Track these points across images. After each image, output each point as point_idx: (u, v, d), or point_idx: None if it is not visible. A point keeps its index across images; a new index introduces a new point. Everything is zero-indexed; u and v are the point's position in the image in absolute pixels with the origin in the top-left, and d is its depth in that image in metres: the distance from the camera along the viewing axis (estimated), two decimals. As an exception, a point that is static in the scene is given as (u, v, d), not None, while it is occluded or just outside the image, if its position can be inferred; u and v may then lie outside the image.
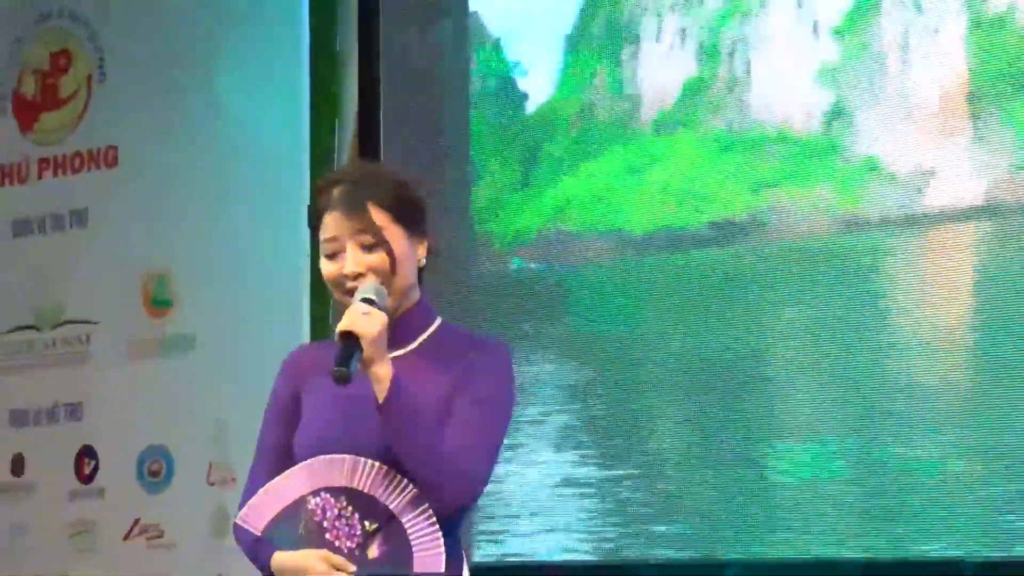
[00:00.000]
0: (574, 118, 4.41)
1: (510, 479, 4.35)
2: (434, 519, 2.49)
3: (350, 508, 2.48)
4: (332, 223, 2.61)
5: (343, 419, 2.60)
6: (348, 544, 2.47)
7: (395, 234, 2.61)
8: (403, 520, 2.47)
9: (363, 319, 2.50)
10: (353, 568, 2.45)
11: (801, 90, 4.07)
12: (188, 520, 4.51)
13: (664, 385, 4.23)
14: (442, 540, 2.50)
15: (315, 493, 2.50)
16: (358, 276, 2.60)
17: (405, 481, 2.48)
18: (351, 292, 2.59)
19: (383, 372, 2.51)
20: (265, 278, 4.50)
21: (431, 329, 2.69)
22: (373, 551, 2.49)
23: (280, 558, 2.51)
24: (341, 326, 2.50)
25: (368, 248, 2.60)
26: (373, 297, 2.55)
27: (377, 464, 2.50)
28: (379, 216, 2.60)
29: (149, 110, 4.75)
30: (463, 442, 2.55)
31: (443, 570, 2.51)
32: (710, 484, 4.11)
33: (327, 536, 2.48)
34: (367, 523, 2.47)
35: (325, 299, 4.31)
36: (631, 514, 4.18)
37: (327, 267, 2.63)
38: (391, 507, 2.48)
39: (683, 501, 4.14)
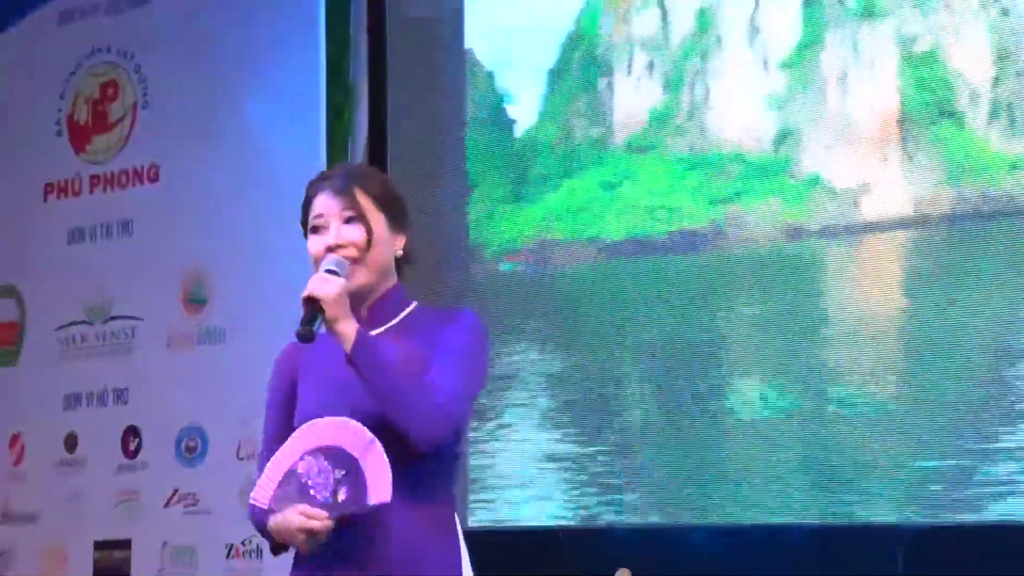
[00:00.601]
0: (556, 140, 4.39)
1: (500, 455, 4.34)
2: (383, 454, 2.41)
3: (327, 463, 2.45)
4: (320, 203, 2.56)
5: (336, 389, 2.54)
6: (324, 494, 2.43)
7: (376, 216, 2.54)
8: (361, 462, 2.42)
9: (322, 283, 2.44)
10: (325, 514, 2.39)
11: (753, 116, 4.05)
12: (220, 490, 4.49)
13: (633, 373, 4.20)
14: (390, 470, 2.42)
15: (301, 457, 2.46)
16: (338, 248, 2.53)
17: (364, 429, 2.43)
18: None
19: (347, 329, 2.44)
20: (287, 278, 4.45)
21: (407, 310, 2.61)
22: (341, 495, 2.44)
23: (273, 521, 2.45)
24: (304, 293, 2.45)
25: (348, 222, 2.53)
26: (335, 268, 2.49)
27: (348, 420, 2.44)
28: (363, 199, 2.54)
29: (186, 132, 4.74)
30: (438, 382, 2.47)
31: (389, 499, 2.42)
32: (672, 459, 4.09)
33: (310, 492, 2.44)
34: (337, 472, 2.43)
35: None
36: (604, 485, 4.16)
37: (312, 242, 2.56)
38: (354, 453, 2.43)
39: (650, 473, 4.12)
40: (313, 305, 2.43)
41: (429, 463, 2.50)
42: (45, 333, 4.99)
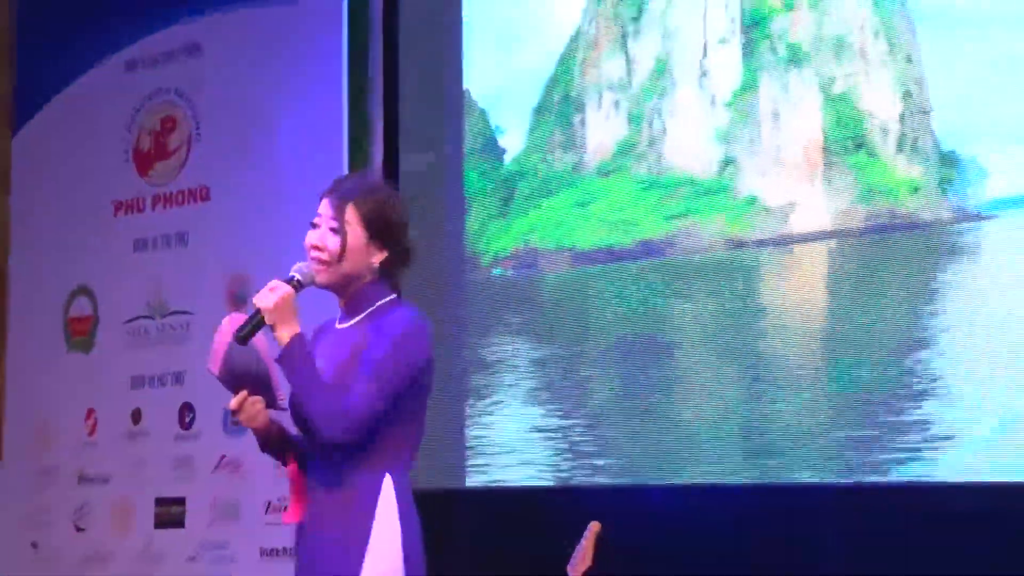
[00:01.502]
0: (538, 166, 4.38)
1: (493, 427, 4.34)
2: None
3: None
4: (322, 205, 2.51)
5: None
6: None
7: (356, 232, 2.48)
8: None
9: (266, 295, 2.41)
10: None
11: (701, 146, 4.04)
12: (260, 456, 4.46)
13: (602, 359, 4.19)
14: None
15: None
16: (316, 249, 2.48)
17: None
18: (313, 259, 2.49)
19: (284, 335, 2.40)
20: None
21: (377, 304, 2.51)
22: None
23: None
24: (253, 298, 2.44)
25: (333, 232, 2.47)
26: (296, 274, 2.46)
27: None
28: (352, 215, 2.47)
29: (231, 158, 4.73)
30: (352, 388, 2.39)
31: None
32: (635, 431, 4.09)
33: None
34: None
35: None
36: (579, 452, 4.17)
37: (309, 233, 2.51)
38: None
39: (616, 442, 4.12)
40: (256, 312, 2.41)
41: (342, 454, 2.43)
42: (115, 325, 4.99)
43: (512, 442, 4.29)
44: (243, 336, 2.43)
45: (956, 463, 3.52)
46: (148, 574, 4.74)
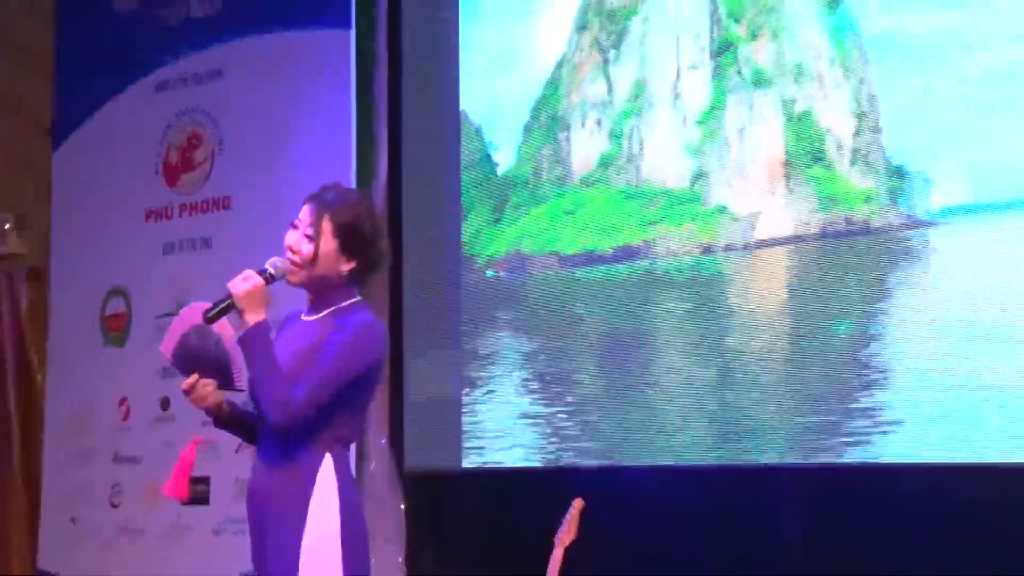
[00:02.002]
0: (528, 178, 4.38)
1: (487, 414, 4.33)
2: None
3: None
4: (303, 210, 2.52)
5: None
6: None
7: (328, 241, 2.47)
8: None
9: (240, 283, 2.43)
10: None
11: (675, 160, 4.04)
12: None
13: (585, 352, 4.20)
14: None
15: None
16: (290, 251, 2.48)
17: None
18: (288, 259, 2.49)
19: (250, 319, 2.42)
20: None
21: (339, 305, 2.51)
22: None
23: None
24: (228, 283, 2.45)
25: (308, 238, 2.47)
26: (269, 267, 2.48)
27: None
28: (327, 225, 2.47)
29: (251, 171, 4.70)
30: (300, 381, 2.41)
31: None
32: (614, 417, 4.09)
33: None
34: None
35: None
36: (564, 436, 4.17)
37: (288, 234, 2.52)
38: None
39: (598, 427, 4.12)
40: (228, 296, 2.43)
41: (288, 434, 2.43)
42: (146, 321, 4.95)
43: (504, 427, 4.29)
44: (211, 317, 2.44)
45: (902, 446, 3.53)
46: (176, 546, 4.73)
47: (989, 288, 3.40)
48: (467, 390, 4.38)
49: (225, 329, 2.50)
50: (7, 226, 5.65)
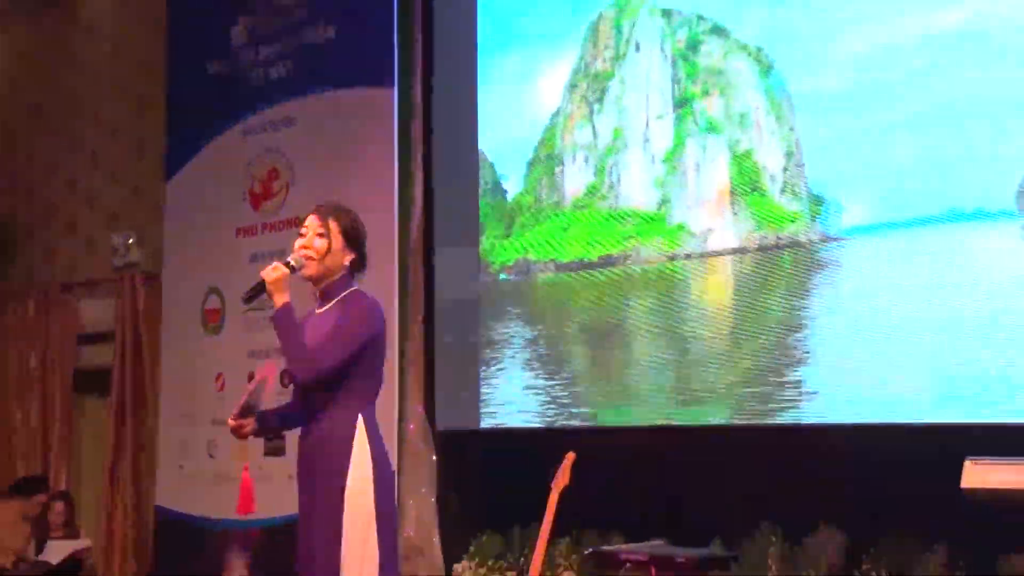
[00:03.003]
0: (531, 203, 4.38)
1: (499, 386, 4.32)
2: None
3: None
4: (310, 219, 2.50)
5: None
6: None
7: (336, 238, 2.46)
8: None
9: (270, 271, 2.41)
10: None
11: (645, 190, 4.05)
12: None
13: (576, 337, 4.20)
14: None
15: None
16: (305, 248, 2.46)
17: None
18: (303, 256, 2.46)
19: (278, 300, 2.40)
20: (370, 288, 4.41)
21: (343, 294, 2.49)
22: None
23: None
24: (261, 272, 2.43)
25: (320, 236, 2.46)
26: (291, 261, 2.45)
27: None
28: (334, 226, 2.47)
29: (316, 198, 4.47)
30: (318, 348, 2.38)
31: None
32: (598, 387, 4.11)
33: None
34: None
35: (406, 305, 4.33)
36: (561, 404, 4.17)
37: (297, 240, 2.49)
38: None
39: (586, 396, 4.13)
40: (261, 282, 2.41)
41: (328, 391, 2.41)
42: (236, 315, 4.94)
43: (512, 396, 4.29)
44: (247, 298, 2.42)
45: (819, 411, 3.55)
46: (259, 489, 4.71)
47: (885, 288, 3.41)
48: (483, 368, 4.38)
49: (271, 387, 2.51)
50: (130, 241, 5.73)
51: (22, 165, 6.29)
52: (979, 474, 2.46)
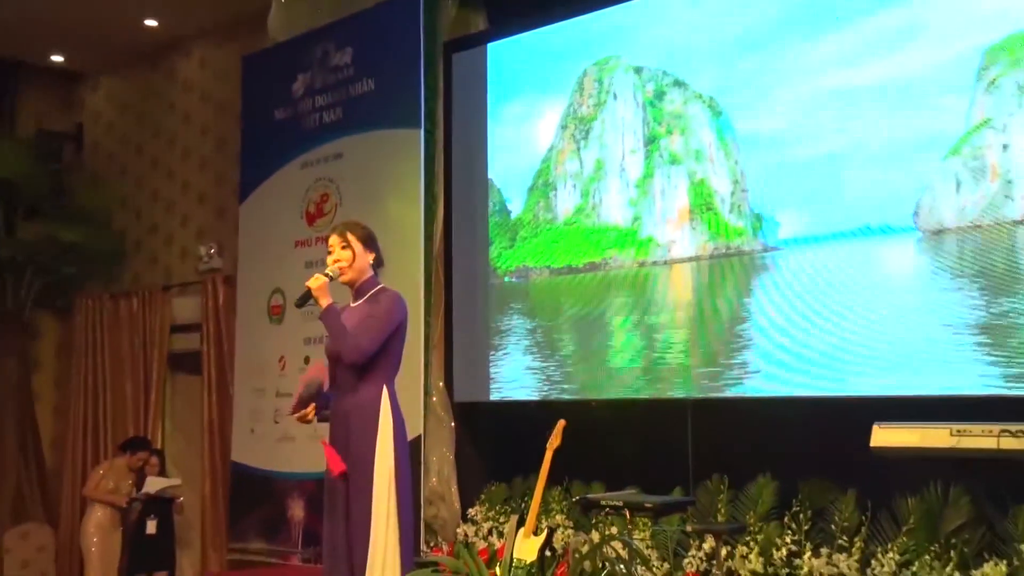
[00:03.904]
0: (530, 220, 4.39)
1: (504, 367, 4.32)
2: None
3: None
4: (332, 240, 2.56)
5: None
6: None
7: (357, 246, 2.53)
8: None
9: (313, 280, 2.47)
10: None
11: (621, 210, 4.05)
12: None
13: (565, 329, 4.20)
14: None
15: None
16: (337, 261, 2.52)
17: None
18: (337, 268, 2.52)
19: (323, 303, 2.46)
20: (404, 289, 4.31)
21: (372, 291, 2.55)
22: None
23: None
24: (307, 282, 2.47)
25: (344, 248, 2.53)
26: (329, 272, 2.51)
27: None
28: (352, 238, 2.54)
29: (359, 218, 4.55)
30: (359, 334, 2.43)
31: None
32: (584, 367, 4.10)
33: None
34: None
35: (430, 302, 4.32)
36: (553, 381, 4.18)
37: (328, 258, 2.53)
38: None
39: (574, 375, 4.13)
40: (308, 289, 2.47)
41: (359, 369, 2.46)
42: (293, 310, 4.94)
43: (515, 375, 4.30)
44: (298, 303, 2.48)
45: (759, 386, 3.56)
46: (316, 448, 4.65)
47: (814, 288, 3.43)
48: (492, 352, 4.40)
49: (325, 376, 2.51)
50: (212, 250, 5.85)
51: (131, 192, 6.52)
52: (884, 435, 2.51)
